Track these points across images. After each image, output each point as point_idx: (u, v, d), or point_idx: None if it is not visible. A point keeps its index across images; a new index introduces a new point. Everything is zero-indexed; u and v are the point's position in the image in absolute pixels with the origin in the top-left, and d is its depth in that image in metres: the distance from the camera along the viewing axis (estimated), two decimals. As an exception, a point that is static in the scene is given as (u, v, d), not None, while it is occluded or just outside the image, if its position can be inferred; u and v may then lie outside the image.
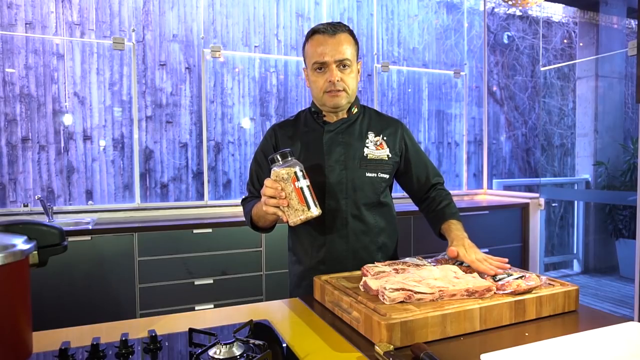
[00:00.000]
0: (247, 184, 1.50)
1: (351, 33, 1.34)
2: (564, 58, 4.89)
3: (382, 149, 1.38)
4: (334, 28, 1.29)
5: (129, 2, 3.17)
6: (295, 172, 1.04)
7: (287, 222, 1.08)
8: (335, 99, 1.31)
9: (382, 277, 1.05)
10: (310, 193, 1.05)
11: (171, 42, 3.29)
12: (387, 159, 1.38)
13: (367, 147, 1.37)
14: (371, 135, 1.39)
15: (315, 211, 1.05)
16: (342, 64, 1.28)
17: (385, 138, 1.40)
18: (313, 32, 1.31)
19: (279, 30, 3.59)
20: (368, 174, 1.35)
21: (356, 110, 1.41)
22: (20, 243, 0.71)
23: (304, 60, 1.36)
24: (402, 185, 1.50)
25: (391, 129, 1.42)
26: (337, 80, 1.28)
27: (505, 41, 4.65)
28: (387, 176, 1.39)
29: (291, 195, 1.04)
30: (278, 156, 1.07)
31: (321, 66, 1.29)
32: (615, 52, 4.65)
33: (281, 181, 1.05)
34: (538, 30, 4.75)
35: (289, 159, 1.07)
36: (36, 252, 0.76)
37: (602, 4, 4.63)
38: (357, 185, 1.34)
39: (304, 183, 1.05)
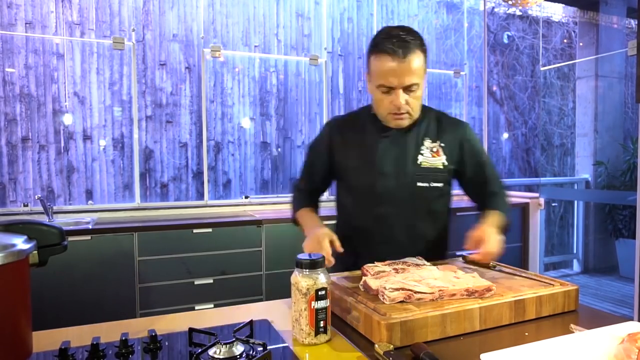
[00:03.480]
0: (300, 170, 1.50)
1: (421, 45, 1.23)
2: (564, 58, 4.89)
3: (438, 156, 1.31)
4: (405, 48, 1.18)
5: (129, 2, 3.17)
6: (317, 290, 0.88)
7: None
8: (398, 121, 1.26)
9: (382, 277, 1.05)
10: (325, 317, 0.89)
11: (171, 42, 3.29)
12: (442, 167, 1.31)
13: (422, 154, 1.31)
14: (427, 142, 1.32)
15: (322, 340, 0.90)
16: (409, 89, 1.22)
17: (443, 144, 1.32)
18: (382, 49, 1.20)
19: (279, 30, 3.59)
20: (420, 184, 1.29)
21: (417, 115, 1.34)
22: (20, 243, 0.71)
23: (368, 68, 1.28)
24: (462, 188, 1.44)
25: (451, 134, 1.34)
26: (403, 105, 1.22)
27: (505, 41, 4.65)
28: (441, 185, 1.32)
29: (302, 312, 0.89)
30: (306, 263, 0.89)
31: (388, 89, 1.22)
32: (615, 52, 4.65)
33: (296, 291, 0.89)
34: (538, 30, 4.75)
35: (318, 270, 0.89)
36: (36, 251, 0.76)
37: (602, 3, 4.63)
38: (408, 196, 1.29)
39: (323, 304, 0.88)
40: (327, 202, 1.57)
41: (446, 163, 1.32)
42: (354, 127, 1.37)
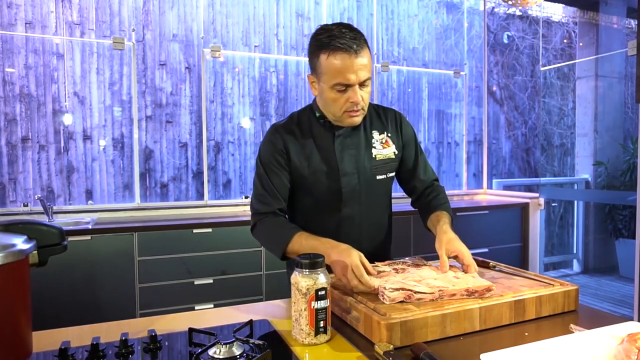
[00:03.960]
0: (255, 197, 1.32)
1: (367, 43, 1.23)
2: (564, 58, 4.89)
3: (388, 146, 1.34)
4: (357, 45, 1.17)
5: (129, 2, 3.17)
6: (317, 291, 0.88)
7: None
8: (354, 118, 1.24)
9: (382, 277, 1.05)
10: (325, 317, 0.89)
11: (171, 42, 3.28)
12: (393, 156, 1.35)
13: (375, 147, 1.33)
14: (376, 134, 1.34)
15: (322, 340, 0.90)
16: (364, 84, 1.21)
17: (389, 135, 1.36)
18: (333, 46, 1.16)
19: (279, 30, 3.59)
20: (379, 177, 1.32)
21: None
22: (20, 243, 0.71)
23: (315, 68, 1.22)
24: (400, 180, 1.44)
25: (392, 123, 1.38)
26: (360, 101, 1.21)
27: (505, 41, 4.65)
28: (393, 174, 1.37)
29: (302, 313, 0.89)
30: (306, 263, 0.89)
31: (345, 87, 1.19)
32: (615, 52, 4.65)
33: (296, 291, 0.90)
34: (538, 30, 4.75)
35: (318, 270, 0.89)
36: (36, 251, 0.76)
37: (602, 3, 4.63)
38: (371, 191, 1.31)
39: (323, 304, 0.88)
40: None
41: (396, 152, 1.36)
42: (301, 132, 1.32)
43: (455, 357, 0.83)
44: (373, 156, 1.32)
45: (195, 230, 2.76)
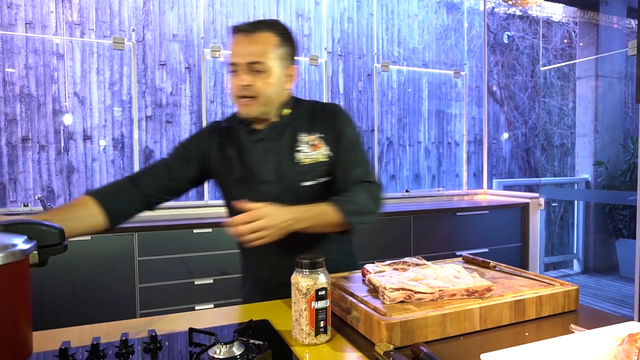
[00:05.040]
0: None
1: (279, 32, 1.16)
2: (564, 58, 4.89)
3: (318, 148, 1.20)
4: (254, 26, 1.14)
5: (129, 2, 3.17)
6: (317, 291, 0.87)
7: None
8: (245, 107, 1.16)
9: (382, 277, 1.05)
10: (325, 317, 0.89)
11: (171, 42, 3.29)
12: (325, 159, 1.20)
13: (300, 150, 1.20)
14: (303, 136, 1.21)
15: (322, 340, 0.90)
16: (252, 67, 1.13)
17: (322, 135, 1.22)
18: (233, 29, 1.17)
19: (279, 30, 3.59)
20: (305, 183, 1.19)
21: (288, 111, 1.24)
22: (20, 243, 0.71)
23: None
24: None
25: (326, 122, 1.23)
26: (247, 85, 1.13)
27: (505, 41, 4.65)
28: (328, 178, 1.22)
29: (302, 313, 0.88)
30: (306, 263, 0.88)
31: (234, 68, 1.15)
32: (615, 52, 4.65)
33: (296, 291, 0.89)
34: (538, 30, 4.75)
35: (318, 270, 0.89)
36: (36, 252, 0.76)
37: (602, 3, 4.63)
38: (295, 198, 1.15)
39: (323, 304, 0.88)
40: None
41: (331, 154, 1.21)
42: (227, 135, 1.26)
43: (456, 357, 0.83)
44: (297, 161, 1.20)
45: (195, 230, 2.76)
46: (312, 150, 1.20)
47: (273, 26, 1.16)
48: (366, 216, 1.14)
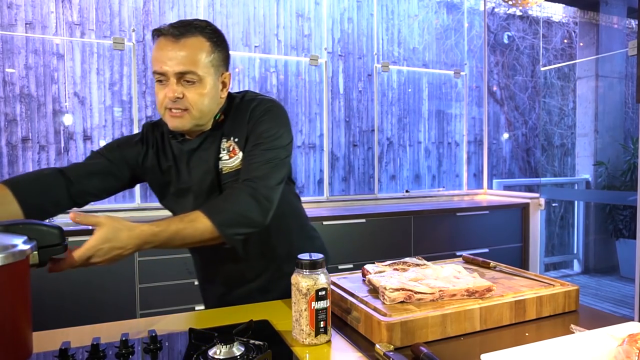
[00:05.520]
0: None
1: (208, 36, 1.06)
2: (564, 58, 4.89)
3: (235, 155, 1.10)
4: (182, 29, 1.02)
5: (129, 2, 3.17)
6: (317, 291, 0.87)
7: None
8: (175, 120, 1.04)
9: (382, 277, 1.05)
10: (326, 317, 0.88)
11: (171, 42, 3.28)
12: (240, 166, 1.10)
13: (221, 158, 1.10)
14: (224, 142, 1.11)
15: (322, 340, 0.89)
16: (183, 77, 1.02)
17: (237, 139, 1.11)
18: (158, 32, 1.04)
19: (279, 31, 3.59)
20: None
21: (222, 116, 1.13)
22: (20, 243, 0.71)
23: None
24: None
25: (243, 122, 1.11)
26: (178, 98, 1.02)
27: (506, 41, 4.65)
28: None
29: (302, 313, 0.88)
30: (306, 263, 0.88)
31: (160, 77, 1.03)
32: (616, 52, 4.65)
33: (297, 292, 0.88)
34: (538, 30, 4.75)
35: (318, 270, 0.88)
36: (36, 252, 0.76)
37: (602, 4, 4.63)
38: None
39: (323, 305, 0.87)
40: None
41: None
42: (160, 141, 1.18)
43: (456, 357, 0.83)
44: (220, 170, 1.10)
45: (195, 231, 2.76)
46: (229, 157, 1.11)
47: (203, 29, 1.06)
48: (246, 225, 1.00)
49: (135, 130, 3.17)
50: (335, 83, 3.79)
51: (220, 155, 1.10)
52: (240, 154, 1.10)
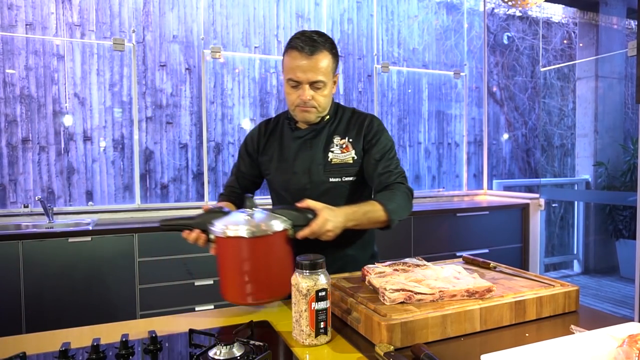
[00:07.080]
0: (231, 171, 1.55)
1: (331, 48, 1.32)
2: (564, 58, 4.89)
3: (348, 151, 1.38)
4: (313, 46, 1.27)
5: (129, 3, 3.17)
6: (317, 292, 0.88)
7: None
8: (305, 114, 1.34)
9: (382, 277, 1.05)
10: (326, 318, 0.89)
11: (171, 43, 3.29)
12: (352, 161, 1.37)
13: (332, 151, 1.38)
14: (337, 139, 1.39)
15: (322, 341, 0.90)
16: (314, 85, 1.29)
17: (351, 140, 1.39)
18: (292, 46, 1.29)
19: (279, 31, 3.59)
20: (332, 179, 1.36)
21: (328, 116, 1.40)
22: (282, 221, 1.06)
23: (282, 64, 1.35)
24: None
25: (358, 128, 1.40)
26: (309, 99, 1.30)
27: (505, 42, 4.65)
28: (353, 178, 1.37)
29: (302, 314, 0.89)
30: (306, 264, 0.89)
31: (295, 84, 1.30)
32: (615, 52, 4.65)
33: (297, 292, 0.89)
34: (538, 30, 4.76)
35: (318, 271, 0.89)
36: (292, 228, 1.07)
37: (602, 4, 4.63)
38: (321, 192, 1.35)
39: (324, 305, 0.88)
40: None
41: (355, 157, 1.38)
42: (274, 130, 1.47)
43: (456, 357, 0.83)
44: (328, 159, 1.37)
45: (195, 231, 2.76)
46: (341, 152, 1.37)
47: (327, 44, 1.31)
48: (403, 214, 1.31)
49: (136, 131, 3.17)
50: (335, 84, 3.79)
51: (332, 149, 1.38)
52: (353, 152, 1.37)
